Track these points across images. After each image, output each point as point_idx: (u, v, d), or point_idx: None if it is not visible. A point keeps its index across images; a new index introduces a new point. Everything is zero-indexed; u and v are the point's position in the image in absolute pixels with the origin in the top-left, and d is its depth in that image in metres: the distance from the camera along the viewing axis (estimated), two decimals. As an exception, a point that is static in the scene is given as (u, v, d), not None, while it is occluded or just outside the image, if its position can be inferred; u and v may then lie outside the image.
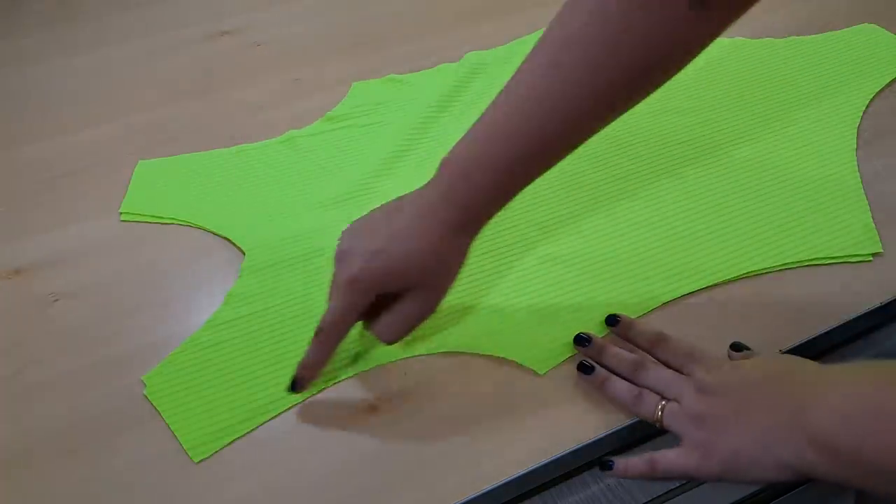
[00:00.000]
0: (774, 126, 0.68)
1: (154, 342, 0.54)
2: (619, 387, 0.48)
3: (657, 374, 0.48)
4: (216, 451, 0.47)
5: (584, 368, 0.50)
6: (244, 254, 0.59)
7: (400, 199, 0.49)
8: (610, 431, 0.47)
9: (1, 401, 0.51)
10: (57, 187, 0.68)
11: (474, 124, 0.46)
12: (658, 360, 0.49)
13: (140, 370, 0.52)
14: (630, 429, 0.47)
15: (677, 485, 0.46)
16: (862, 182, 0.62)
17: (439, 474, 0.45)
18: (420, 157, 0.68)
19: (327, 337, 0.48)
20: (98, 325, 0.55)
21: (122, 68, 0.83)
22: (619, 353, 0.50)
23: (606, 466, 0.46)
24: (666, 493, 0.46)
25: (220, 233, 0.61)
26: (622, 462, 0.46)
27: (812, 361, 0.45)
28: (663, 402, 0.46)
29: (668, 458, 0.44)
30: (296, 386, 0.48)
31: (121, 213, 0.64)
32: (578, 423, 0.47)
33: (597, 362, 0.50)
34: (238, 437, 0.48)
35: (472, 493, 0.44)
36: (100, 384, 0.51)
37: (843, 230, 0.58)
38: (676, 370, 0.48)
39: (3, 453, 0.48)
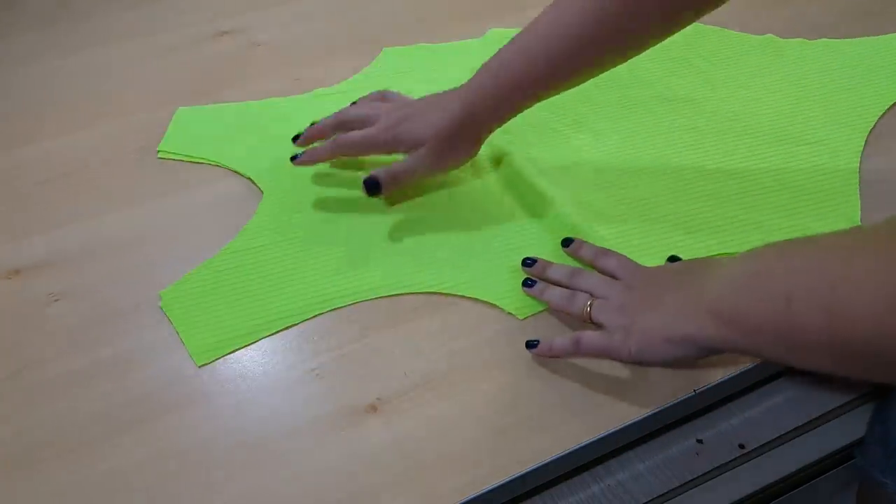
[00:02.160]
0: (790, 131, 0.68)
1: (154, 342, 0.54)
2: (555, 292, 0.53)
3: (591, 278, 0.53)
4: (218, 358, 0.52)
5: (527, 283, 0.54)
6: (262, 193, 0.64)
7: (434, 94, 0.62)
8: (609, 432, 0.47)
9: (1, 401, 0.51)
10: (56, 187, 0.68)
11: (487, 62, 0.59)
12: (600, 272, 0.54)
13: (140, 370, 0.52)
14: (629, 430, 0.47)
15: (678, 484, 0.46)
16: (861, 182, 0.62)
17: (439, 474, 0.46)
18: None
19: (341, 144, 0.63)
20: (98, 325, 0.55)
21: (121, 68, 0.83)
22: (559, 266, 0.55)
23: (530, 346, 0.50)
24: (666, 493, 0.46)
25: (244, 173, 0.66)
26: (546, 343, 0.50)
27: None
28: (592, 300, 0.51)
29: (592, 337, 0.49)
30: (296, 139, 0.65)
31: (158, 152, 0.70)
32: (578, 423, 0.47)
33: (541, 279, 0.55)
34: (238, 348, 0.53)
35: (472, 493, 0.44)
36: (100, 384, 0.51)
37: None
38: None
39: (3, 453, 0.48)
